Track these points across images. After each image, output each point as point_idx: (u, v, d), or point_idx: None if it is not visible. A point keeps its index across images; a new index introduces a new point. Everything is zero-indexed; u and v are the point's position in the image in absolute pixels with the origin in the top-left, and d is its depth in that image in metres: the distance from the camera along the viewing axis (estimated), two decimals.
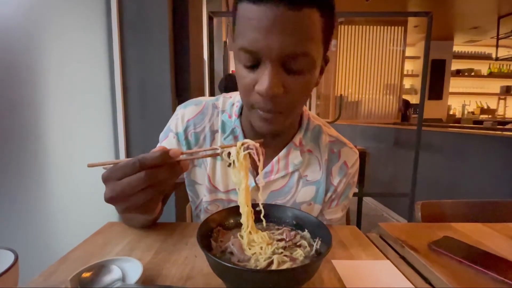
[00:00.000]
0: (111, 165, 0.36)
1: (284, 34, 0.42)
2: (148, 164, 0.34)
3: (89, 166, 0.36)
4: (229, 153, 0.41)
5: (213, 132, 0.63)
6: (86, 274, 0.38)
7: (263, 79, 0.44)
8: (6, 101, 0.72)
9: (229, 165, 0.41)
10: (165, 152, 0.35)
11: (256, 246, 0.40)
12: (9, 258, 0.34)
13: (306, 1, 0.42)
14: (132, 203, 0.35)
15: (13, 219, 0.72)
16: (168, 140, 0.63)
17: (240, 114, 0.62)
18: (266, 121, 0.49)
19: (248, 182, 0.59)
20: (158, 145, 0.64)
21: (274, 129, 0.51)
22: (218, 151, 0.40)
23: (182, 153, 0.37)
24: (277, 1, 0.41)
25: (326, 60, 0.53)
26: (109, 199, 0.35)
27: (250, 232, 0.42)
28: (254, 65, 0.46)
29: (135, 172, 0.34)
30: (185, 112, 0.63)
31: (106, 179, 0.36)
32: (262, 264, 0.37)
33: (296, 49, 0.43)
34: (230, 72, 3.60)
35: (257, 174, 0.60)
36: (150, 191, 0.35)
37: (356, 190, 2.04)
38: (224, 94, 0.68)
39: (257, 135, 0.59)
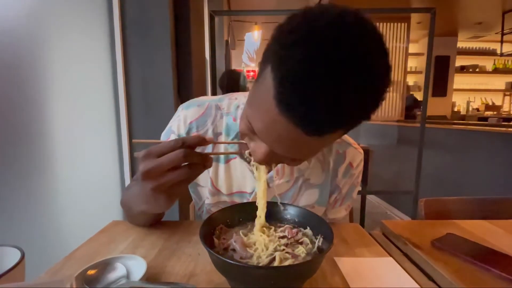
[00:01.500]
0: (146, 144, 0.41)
1: (292, 149, 0.39)
2: (188, 142, 0.38)
3: (134, 142, 0.43)
4: (250, 153, 0.46)
5: (216, 135, 0.61)
6: (91, 272, 0.39)
7: (258, 153, 0.43)
8: (11, 101, 0.73)
9: (249, 161, 0.46)
10: (203, 137, 0.40)
11: (258, 243, 0.40)
12: (16, 255, 0.34)
13: (342, 126, 0.36)
14: (165, 180, 0.38)
15: (19, 218, 0.73)
16: None
17: None
18: None
19: (254, 186, 0.60)
20: None
21: None
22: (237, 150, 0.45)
23: (215, 143, 0.46)
24: (303, 127, 0.34)
25: None
26: (145, 173, 0.37)
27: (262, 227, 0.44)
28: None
29: (176, 149, 0.37)
30: (187, 113, 0.62)
31: (145, 155, 0.38)
32: (264, 261, 0.37)
33: (301, 158, 0.43)
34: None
35: None
36: (183, 172, 0.38)
37: (360, 188, 2.03)
38: (229, 95, 0.66)
39: None
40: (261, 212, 0.45)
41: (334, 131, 0.36)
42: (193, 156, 0.38)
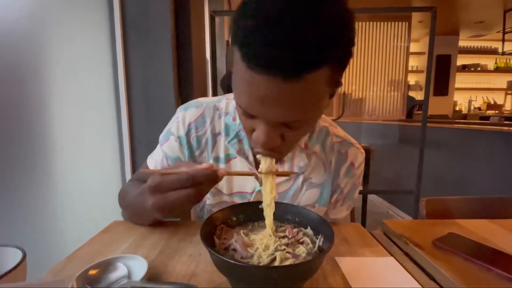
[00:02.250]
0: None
1: (280, 107, 0.38)
2: (198, 181, 0.39)
3: (142, 172, 0.46)
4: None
5: (215, 135, 0.62)
6: (92, 272, 0.39)
7: (259, 133, 0.43)
8: (13, 102, 0.73)
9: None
10: (215, 173, 0.40)
11: (259, 243, 0.40)
12: (17, 255, 0.35)
13: (312, 63, 0.35)
14: (175, 213, 0.42)
15: (21, 218, 0.74)
16: (169, 143, 0.62)
17: None
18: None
19: (254, 186, 0.59)
20: (158, 147, 0.65)
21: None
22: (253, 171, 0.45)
23: (227, 174, 0.43)
24: (274, 71, 0.35)
25: (338, 85, 0.45)
26: (158, 209, 0.42)
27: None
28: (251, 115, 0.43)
29: (185, 186, 0.39)
30: (186, 114, 0.62)
31: (155, 190, 0.41)
32: (265, 260, 0.37)
33: (293, 119, 0.41)
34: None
35: None
36: (192, 203, 0.41)
37: (361, 188, 2.02)
38: (227, 95, 0.66)
39: None
40: (267, 210, 0.44)
41: (308, 67, 0.35)
42: (203, 190, 0.40)
